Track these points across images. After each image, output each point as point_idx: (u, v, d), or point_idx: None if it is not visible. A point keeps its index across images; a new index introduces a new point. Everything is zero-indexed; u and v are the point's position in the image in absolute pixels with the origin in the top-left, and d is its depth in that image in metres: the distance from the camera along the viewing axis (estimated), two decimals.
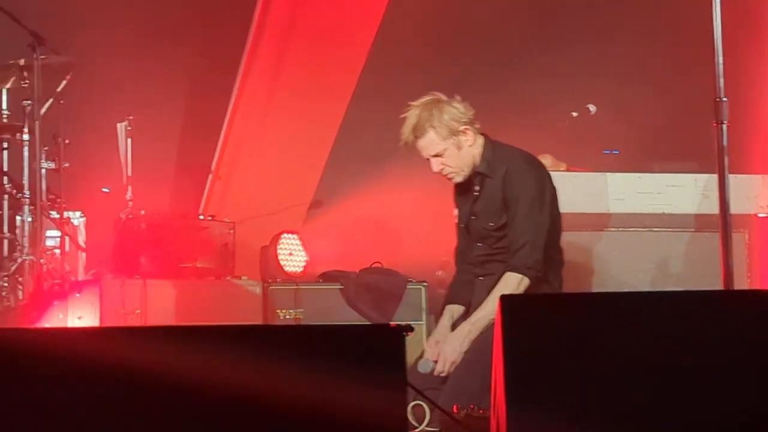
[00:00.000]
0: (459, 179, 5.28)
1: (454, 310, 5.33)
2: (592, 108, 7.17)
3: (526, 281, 5.06)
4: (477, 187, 5.28)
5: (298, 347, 3.18)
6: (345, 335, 3.29)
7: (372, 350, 3.16)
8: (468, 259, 5.39)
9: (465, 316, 5.26)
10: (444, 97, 5.24)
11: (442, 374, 5.02)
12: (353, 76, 8.97)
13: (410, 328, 3.18)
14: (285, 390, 3.07)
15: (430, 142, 5.16)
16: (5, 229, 7.17)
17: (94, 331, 3.93)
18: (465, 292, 5.34)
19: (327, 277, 7.12)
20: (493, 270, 5.24)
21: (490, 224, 5.22)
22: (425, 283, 7.17)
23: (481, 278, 5.28)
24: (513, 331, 3.25)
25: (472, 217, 5.32)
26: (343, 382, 3.08)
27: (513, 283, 5.05)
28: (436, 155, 5.19)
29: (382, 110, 8.80)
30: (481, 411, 4.16)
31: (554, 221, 5.23)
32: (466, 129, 5.17)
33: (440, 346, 5.10)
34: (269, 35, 8.80)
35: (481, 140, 5.23)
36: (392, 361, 3.14)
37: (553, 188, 5.26)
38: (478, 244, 5.32)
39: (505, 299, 3.33)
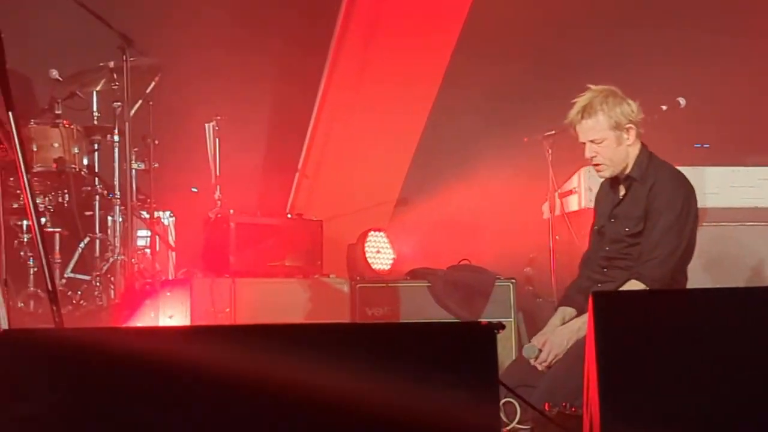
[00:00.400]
0: (606, 174, 5.23)
1: (567, 312, 5.27)
2: (682, 101, 7.05)
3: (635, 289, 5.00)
4: (623, 191, 5.23)
5: (388, 345, 3.16)
6: (436, 333, 3.25)
7: (463, 348, 3.13)
8: (592, 265, 5.34)
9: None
10: (621, 93, 5.19)
11: (544, 364, 4.99)
12: (439, 73, 8.93)
13: (501, 326, 3.14)
14: (375, 389, 3.05)
15: (594, 126, 5.11)
16: (97, 229, 7.27)
17: (185, 330, 3.94)
18: (580, 298, 5.27)
19: (415, 274, 7.10)
20: (613, 277, 5.18)
21: (626, 229, 5.16)
22: (513, 280, 7.12)
23: (600, 285, 5.22)
24: (606, 328, 3.20)
25: (612, 220, 5.27)
26: (434, 380, 3.06)
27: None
28: (593, 141, 5.15)
29: (468, 107, 8.83)
30: (573, 409, 4.13)
31: (689, 245, 5.15)
32: (630, 128, 5.12)
33: (548, 334, 5.08)
34: (355, 33, 8.80)
35: (639, 145, 5.18)
36: (484, 358, 3.11)
37: (697, 211, 5.18)
38: (607, 248, 5.26)
39: (597, 296, 3.28)
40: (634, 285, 5.00)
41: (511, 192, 7.96)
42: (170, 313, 6.47)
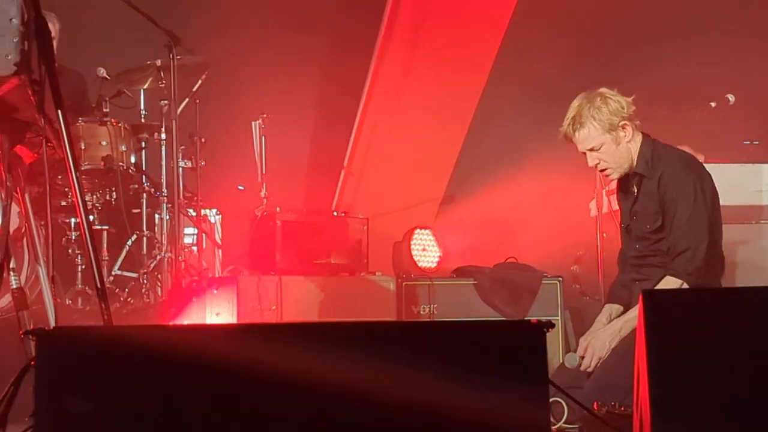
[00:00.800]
0: (615, 176, 5.18)
1: (613, 309, 5.24)
2: (731, 98, 6.98)
3: (685, 287, 4.95)
4: (635, 188, 5.18)
5: (437, 344, 3.14)
6: (485, 331, 3.24)
7: (513, 347, 3.11)
8: (626, 268, 5.30)
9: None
10: (608, 91, 5.12)
11: (588, 369, 4.95)
12: (484, 70, 8.91)
13: (551, 324, 3.12)
14: (423, 388, 3.04)
15: (588, 134, 5.06)
16: (144, 227, 7.31)
17: (232, 328, 3.95)
18: (624, 293, 5.24)
19: (461, 272, 7.08)
20: (648, 274, 5.13)
21: (647, 227, 5.11)
22: (560, 278, 7.08)
23: (638, 282, 5.18)
24: (656, 327, 3.18)
25: (633, 217, 5.22)
26: (483, 379, 3.04)
27: (673, 287, 4.92)
28: (592, 149, 5.09)
29: (513, 104, 8.80)
30: (622, 408, 4.09)
31: (714, 226, 5.06)
32: (625, 124, 5.06)
33: (589, 338, 5.04)
34: (400, 29, 8.80)
35: (639, 138, 5.11)
36: (534, 357, 3.09)
37: (714, 191, 5.09)
38: (636, 246, 5.21)
39: (647, 295, 3.26)
40: (669, 282, 4.95)
41: (558, 189, 7.91)
42: (217, 310, 6.49)
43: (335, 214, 7.48)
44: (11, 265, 3.72)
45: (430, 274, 7.26)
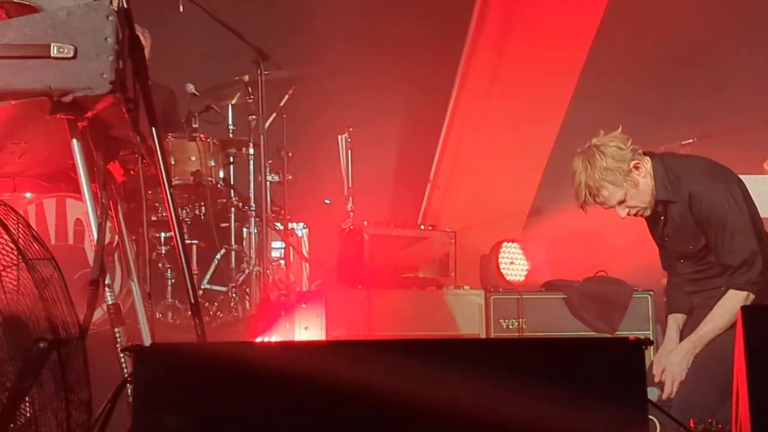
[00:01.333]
0: (648, 212, 5.02)
1: (679, 319, 5.15)
2: None
3: (751, 297, 4.83)
4: (662, 216, 5.03)
5: (531, 361, 3.11)
6: (582, 348, 3.20)
7: (611, 363, 3.06)
8: (676, 272, 5.19)
9: (688, 325, 5.09)
10: (598, 140, 4.95)
11: (671, 396, 4.86)
12: (571, 81, 8.85)
13: (649, 342, 3.07)
14: (518, 406, 3.00)
15: (609, 196, 4.92)
16: (233, 241, 7.37)
17: (323, 346, 3.96)
18: (684, 300, 5.14)
19: (550, 286, 7.01)
20: (704, 286, 5.04)
21: (690, 248, 4.99)
22: (651, 292, 6.96)
23: (695, 295, 5.09)
24: (756, 342, 3.12)
25: (666, 239, 5.11)
26: (580, 397, 3.00)
27: (739, 300, 4.80)
28: (620, 202, 4.97)
29: (600, 116, 8.68)
30: (720, 425, 4.02)
31: (755, 223, 4.91)
32: (636, 164, 4.90)
33: (663, 363, 4.94)
34: (486, 42, 8.78)
35: (649, 164, 4.94)
36: (632, 375, 3.03)
37: (743, 191, 4.92)
38: (681, 261, 5.11)
39: (746, 311, 3.20)
40: (735, 297, 4.82)
41: None
42: (305, 324, 6.50)
43: (422, 227, 7.46)
44: (107, 281, 3.76)
45: (518, 288, 7.21)
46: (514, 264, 7.51)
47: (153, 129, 3.93)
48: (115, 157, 4.23)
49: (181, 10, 7.15)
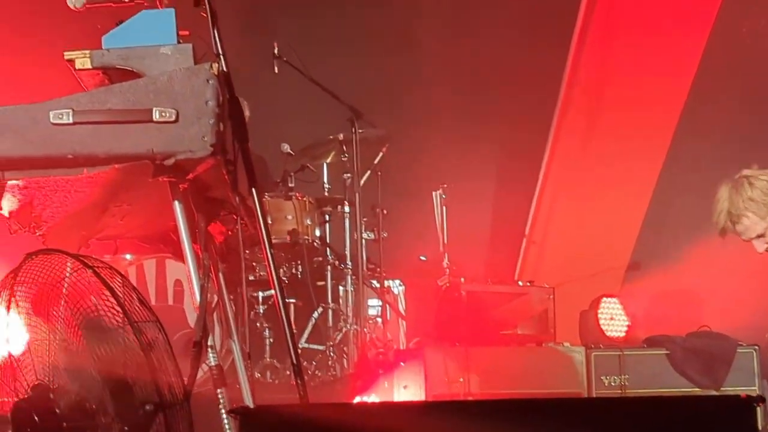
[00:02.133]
0: None
1: None
2: None
3: None
4: None
5: (637, 421, 3.04)
6: (691, 407, 3.12)
7: (721, 423, 2.98)
8: None
9: None
10: (750, 171, 4.89)
11: None
12: (666, 138, 8.76)
13: (762, 399, 2.98)
14: None
15: (749, 226, 4.86)
16: (329, 299, 7.37)
17: (423, 407, 3.92)
18: None
19: (652, 342, 6.89)
20: None
21: None
22: (756, 347, 6.82)
23: None
24: None
25: None
26: None
27: None
28: (759, 236, 4.89)
29: (696, 172, 8.57)
30: None
31: None
32: None
33: None
34: (578, 97, 8.74)
35: None
36: None
37: None
38: None
39: None
40: None
41: (750, 253, 7.66)
42: (405, 383, 6.47)
43: (520, 283, 7.39)
44: (209, 343, 3.77)
45: (619, 344, 7.09)
46: (614, 319, 7.39)
47: (253, 189, 3.95)
48: (215, 218, 4.26)
49: (276, 71, 7.26)
